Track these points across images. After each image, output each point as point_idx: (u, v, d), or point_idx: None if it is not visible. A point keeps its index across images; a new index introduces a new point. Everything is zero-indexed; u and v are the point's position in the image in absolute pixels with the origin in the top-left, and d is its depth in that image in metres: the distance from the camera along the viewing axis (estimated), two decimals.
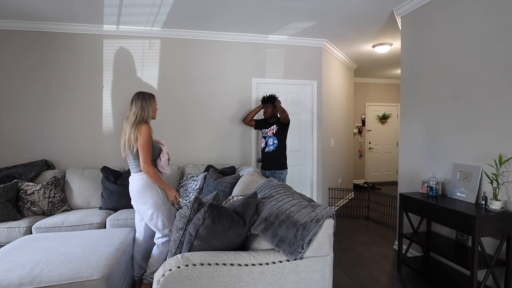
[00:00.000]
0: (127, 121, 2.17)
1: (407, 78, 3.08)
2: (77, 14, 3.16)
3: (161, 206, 2.17)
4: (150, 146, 2.12)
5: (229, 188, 2.87)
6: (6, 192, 2.71)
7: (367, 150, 7.21)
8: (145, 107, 2.17)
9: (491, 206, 2.05)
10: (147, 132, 2.10)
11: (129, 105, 2.21)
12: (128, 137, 2.11)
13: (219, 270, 1.29)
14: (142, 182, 2.13)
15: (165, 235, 2.23)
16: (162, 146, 2.30)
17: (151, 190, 2.14)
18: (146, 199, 2.14)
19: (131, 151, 2.13)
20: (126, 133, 2.13)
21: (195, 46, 3.77)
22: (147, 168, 2.10)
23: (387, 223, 4.09)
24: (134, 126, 2.11)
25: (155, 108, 2.28)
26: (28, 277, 1.55)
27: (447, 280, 2.27)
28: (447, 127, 2.59)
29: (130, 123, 2.13)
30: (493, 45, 2.20)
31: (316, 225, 1.39)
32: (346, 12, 3.18)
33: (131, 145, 2.11)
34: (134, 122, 2.12)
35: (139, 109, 2.15)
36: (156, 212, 2.16)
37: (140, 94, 2.20)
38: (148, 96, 2.21)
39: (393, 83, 7.31)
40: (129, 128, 2.12)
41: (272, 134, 3.40)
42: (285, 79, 4.05)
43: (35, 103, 3.43)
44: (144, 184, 2.13)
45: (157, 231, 2.22)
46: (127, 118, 2.17)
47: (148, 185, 2.14)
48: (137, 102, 2.16)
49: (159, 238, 2.25)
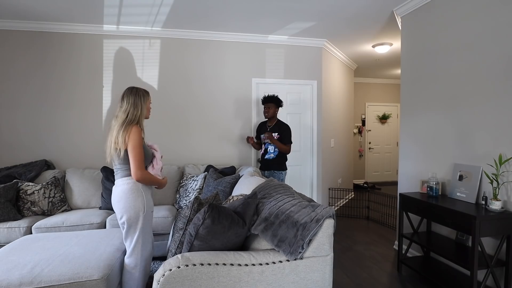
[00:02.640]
0: (116, 120, 1.86)
1: (407, 78, 3.08)
2: (77, 14, 3.15)
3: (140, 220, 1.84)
4: (141, 150, 1.83)
5: (229, 188, 2.87)
6: (6, 192, 2.71)
7: (367, 150, 7.21)
8: (138, 105, 1.88)
9: (491, 206, 2.05)
10: (137, 134, 1.81)
11: (119, 101, 1.91)
12: (115, 138, 1.81)
13: (219, 270, 1.29)
14: (127, 187, 1.82)
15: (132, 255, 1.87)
16: (156, 152, 2.01)
17: (136, 197, 1.82)
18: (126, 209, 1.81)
19: (118, 155, 1.82)
20: (113, 133, 1.83)
21: (195, 46, 3.77)
22: (141, 174, 1.80)
23: (387, 223, 4.09)
24: (124, 126, 1.81)
25: (149, 106, 2.01)
26: (28, 277, 1.55)
27: (447, 280, 2.27)
28: (447, 127, 2.59)
29: (119, 122, 1.83)
30: (493, 45, 2.20)
31: (316, 225, 1.39)
32: (346, 12, 3.18)
33: (117, 148, 1.80)
34: (124, 122, 1.83)
35: (132, 106, 1.86)
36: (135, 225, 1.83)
37: (133, 90, 1.92)
38: (142, 92, 1.94)
39: (393, 83, 7.31)
40: (117, 128, 1.82)
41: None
42: (285, 79, 4.05)
43: (35, 103, 3.43)
44: (129, 189, 1.82)
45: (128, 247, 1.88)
46: (116, 117, 1.87)
47: (134, 192, 1.82)
48: (129, 98, 1.88)
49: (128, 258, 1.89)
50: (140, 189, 1.85)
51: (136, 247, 1.87)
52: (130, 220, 1.83)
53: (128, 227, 1.84)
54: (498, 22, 2.16)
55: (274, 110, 3.36)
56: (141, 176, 1.81)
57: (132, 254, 1.87)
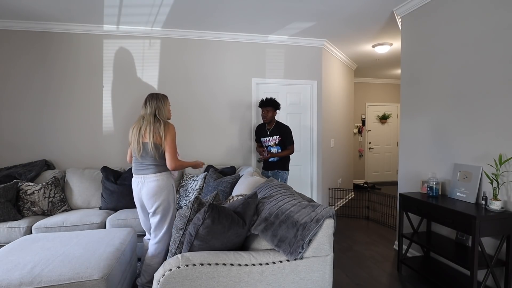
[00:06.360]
0: (144, 121, 2.13)
1: (407, 78, 3.08)
2: (77, 14, 3.16)
3: (171, 210, 2.19)
4: (176, 144, 2.15)
5: (229, 188, 2.87)
6: (6, 192, 2.71)
7: (367, 150, 7.21)
8: (161, 108, 2.17)
9: (491, 206, 2.05)
10: (175, 130, 2.15)
11: (142, 106, 2.20)
12: (152, 135, 2.07)
13: (219, 270, 1.29)
14: (159, 184, 2.12)
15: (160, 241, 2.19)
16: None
17: (168, 191, 2.15)
18: (161, 201, 2.13)
19: (158, 151, 2.10)
20: (147, 132, 2.08)
21: (195, 46, 3.77)
22: (175, 163, 2.10)
23: (387, 223, 4.09)
24: (162, 124, 2.10)
25: (169, 108, 2.30)
26: (28, 277, 1.55)
27: (447, 280, 2.27)
28: (447, 127, 2.59)
29: (149, 122, 2.11)
30: (493, 45, 2.20)
31: (316, 225, 1.39)
32: (346, 12, 3.18)
33: (159, 144, 2.09)
34: (157, 121, 2.12)
35: (156, 110, 2.15)
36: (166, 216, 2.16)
37: (153, 95, 2.20)
38: (161, 96, 2.22)
39: (393, 83, 7.31)
40: (151, 126, 2.09)
41: (275, 144, 3.34)
42: (285, 79, 4.05)
43: (35, 103, 3.43)
44: (165, 184, 2.14)
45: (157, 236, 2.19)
46: (143, 118, 2.16)
47: (168, 186, 2.16)
48: (151, 102, 2.16)
49: (154, 244, 2.20)
50: (171, 183, 2.20)
51: (166, 235, 2.19)
52: (164, 210, 2.15)
53: (161, 216, 2.16)
54: (498, 22, 2.16)
55: (272, 114, 3.36)
56: (176, 164, 2.12)
57: (161, 240, 2.18)
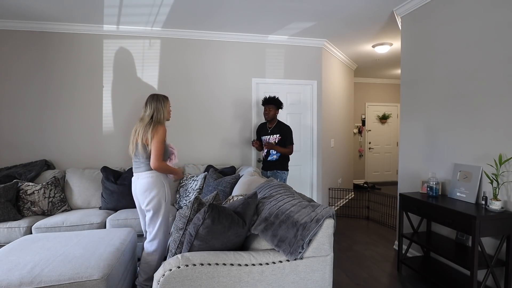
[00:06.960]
0: (141, 122, 2.21)
1: (407, 78, 3.08)
2: (77, 14, 3.16)
3: (163, 207, 2.19)
4: (163, 146, 2.17)
5: (229, 188, 2.87)
6: (6, 192, 2.71)
7: (367, 150, 7.21)
8: (160, 109, 2.22)
9: (491, 206, 2.05)
10: (163, 132, 2.16)
11: (143, 107, 2.26)
12: (142, 136, 2.14)
13: (219, 270, 1.29)
14: (150, 180, 2.15)
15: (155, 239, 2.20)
16: (173, 150, 2.35)
17: (158, 189, 2.17)
18: (151, 197, 2.15)
19: (145, 151, 2.15)
20: (139, 133, 2.16)
21: (195, 46, 3.77)
22: (158, 164, 2.12)
23: (387, 223, 4.09)
24: (152, 125, 2.15)
25: (169, 109, 2.34)
26: (28, 277, 1.55)
27: (447, 280, 2.27)
28: (447, 127, 2.59)
29: (144, 123, 2.18)
30: (493, 45, 2.20)
31: (316, 225, 1.39)
32: (346, 12, 3.18)
33: (146, 144, 2.14)
34: (150, 123, 2.17)
35: (155, 111, 2.20)
36: (158, 212, 2.17)
37: (154, 96, 2.25)
38: (162, 98, 2.27)
39: (393, 83, 7.31)
40: (144, 127, 2.16)
41: (275, 143, 3.32)
42: (285, 79, 4.05)
43: (35, 103, 3.43)
44: (152, 182, 2.15)
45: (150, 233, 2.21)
46: (141, 119, 2.22)
47: (157, 183, 2.16)
48: (151, 104, 2.21)
49: (149, 242, 2.22)
50: (162, 181, 2.19)
51: (159, 232, 2.19)
52: (155, 207, 2.16)
53: (153, 213, 2.17)
54: (499, 22, 2.16)
55: (274, 112, 3.35)
56: (159, 165, 2.13)
57: (155, 238, 2.19)
